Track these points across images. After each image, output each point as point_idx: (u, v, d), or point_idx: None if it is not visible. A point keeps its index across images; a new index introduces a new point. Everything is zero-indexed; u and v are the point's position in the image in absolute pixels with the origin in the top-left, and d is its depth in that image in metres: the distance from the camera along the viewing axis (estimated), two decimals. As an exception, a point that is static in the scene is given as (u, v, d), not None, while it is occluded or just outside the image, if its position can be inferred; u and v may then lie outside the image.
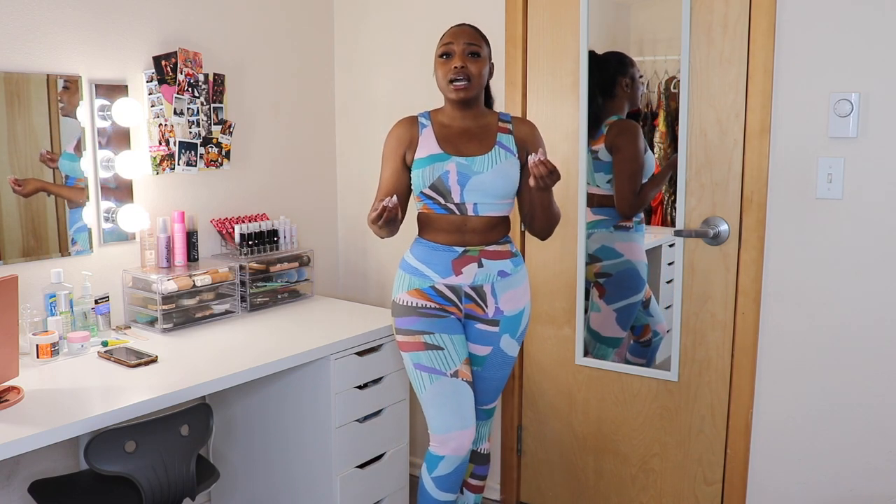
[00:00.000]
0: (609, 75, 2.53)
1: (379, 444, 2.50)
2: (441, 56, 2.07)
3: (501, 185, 2.07)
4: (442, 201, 2.08)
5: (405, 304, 2.13)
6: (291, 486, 2.46)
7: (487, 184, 2.06)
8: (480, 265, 2.10)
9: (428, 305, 2.11)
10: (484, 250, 2.10)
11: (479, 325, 2.15)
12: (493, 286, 2.12)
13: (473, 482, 2.38)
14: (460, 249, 2.09)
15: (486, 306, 2.13)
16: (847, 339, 2.18)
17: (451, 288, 2.11)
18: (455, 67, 2.04)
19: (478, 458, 2.36)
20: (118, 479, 1.87)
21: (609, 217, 2.60)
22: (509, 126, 2.14)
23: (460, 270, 2.09)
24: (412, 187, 2.13)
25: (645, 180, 2.53)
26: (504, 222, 2.15)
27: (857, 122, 2.09)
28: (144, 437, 1.80)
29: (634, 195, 2.51)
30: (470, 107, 2.11)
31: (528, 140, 2.14)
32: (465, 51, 2.05)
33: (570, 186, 2.60)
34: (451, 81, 2.05)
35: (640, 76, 2.51)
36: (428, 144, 2.09)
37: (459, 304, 2.12)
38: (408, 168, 2.12)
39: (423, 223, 2.15)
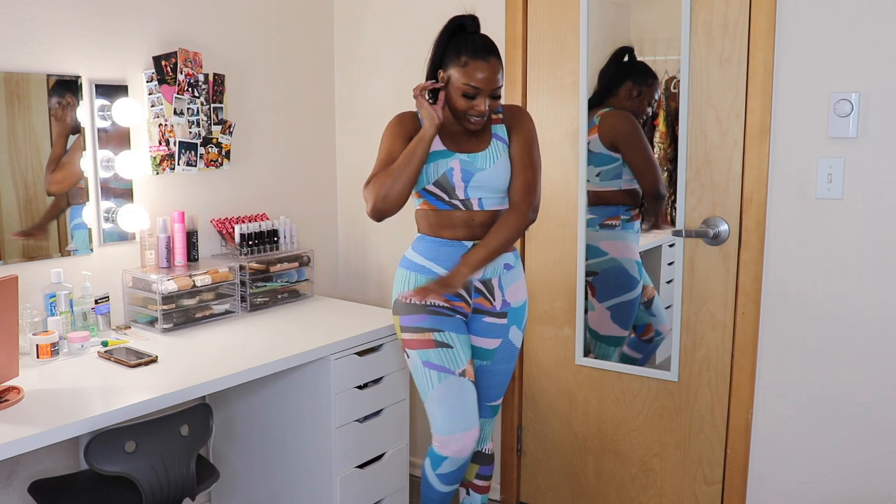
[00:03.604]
0: (621, 75, 2.52)
1: (379, 444, 2.50)
2: (465, 95, 2.02)
3: (503, 180, 2.10)
4: (446, 198, 2.09)
5: (412, 301, 2.11)
6: (291, 486, 2.46)
7: (491, 180, 2.08)
8: None
9: (437, 303, 2.12)
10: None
11: (487, 319, 2.16)
12: (500, 279, 2.15)
13: (479, 483, 2.36)
14: (469, 244, 2.10)
15: (494, 299, 2.15)
16: (847, 339, 2.18)
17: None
18: (479, 110, 2.02)
19: (482, 459, 2.35)
20: (118, 479, 1.87)
21: (596, 216, 2.60)
22: (501, 116, 2.16)
23: None
24: None
25: None
26: None
27: (857, 122, 2.09)
28: (144, 437, 1.80)
29: (660, 179, 2.47)
30: None
31: (513, 123, 2.14)
32: (489, 95, 2.03)
33: (569, 187, 2.60)
34: (471, 116, 2.04)
35: (650, 105, 2.50)
36: None
37: (469, 298, 2.14)
38: None
39: (426, 220, 2.15)
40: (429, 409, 2.12)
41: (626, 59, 2.53)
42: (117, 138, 2.43)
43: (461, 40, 2.03)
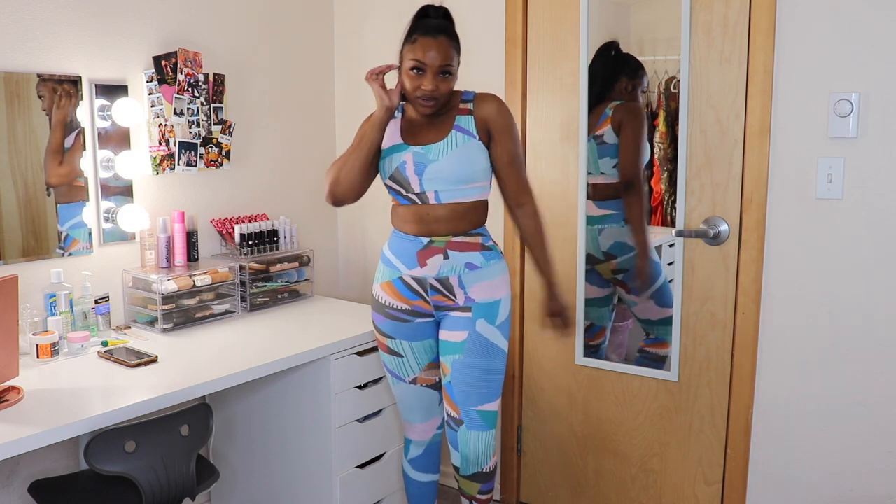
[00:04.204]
0: (614, 72, 2.53)
1: (379, 444, 2.50)
2: (412, 69, 1.97)
3: (461, 171, 2.02)
4: (403, 192, 2.06)
5: (378, 298, 2.17)
6: (291, 486, 2.46)
7: (445, 171, 2.01)
8: (446, 256, 2.05)
9: (395, 305, 2.12)
10: (451, 241, 2.06)
11: (453, 314, 2.11)
12: (459, 278, 2.06)
13: (481, 497, 2.28)
14: (426, 240, 2.06)
15: (455, 296, 2.08)
16: (847, 339, 2.18)
17: (417, 280, 2.08)
18: (425, 90, 1.97)
19: (482, 477, 2.20)
20: (118, 479, 1.87)
21: (618, 211, 2.59)
22: (470, 106, 2.06)
23: (425, 262, 2.06)
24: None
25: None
26: (475, 210, 2.08)
27: (857, 122, 2.09)
28: (144, 437, 1.80)
29: (641, 166, 2.45)
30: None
31: (489, 119, 2.04)
32: (438, 71, 1.96)
33: (569, 186, 2.60)
34: (419, 97, 1.99)
35: (644, 91, 2.50)
36: (391, 135, 2.08)
37: (426, 295, 2.09)
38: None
39: (393, 215, 2.15)
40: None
41: (612, 53, 2.53)
42: (117, 138, 2.43)
43: (419, 24, 2.02)
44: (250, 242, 2.71)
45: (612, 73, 2.53)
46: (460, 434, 2.15)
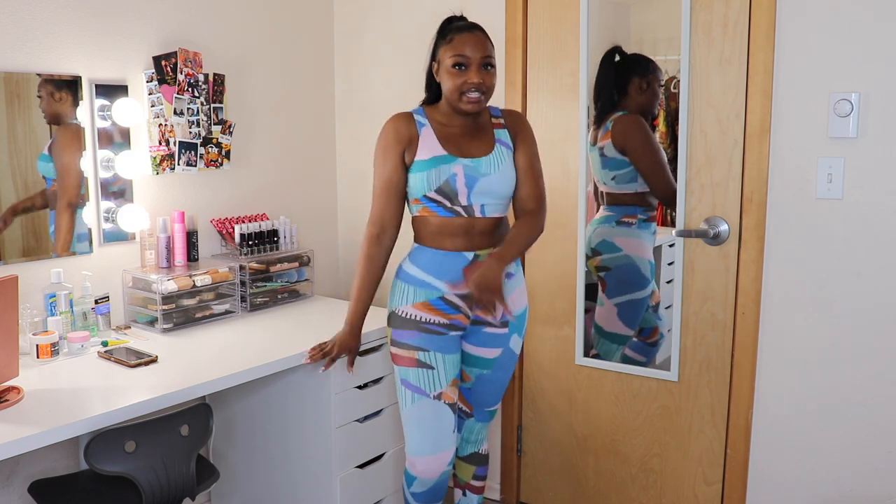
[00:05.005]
0: (625, 73, 2.53)
1: (379, 445, 2.50)
2: (455, 66, 1.96)
3: (505, 186, 2.04)
4: (448, 204, 2.01)
5: (408, 316, 2.06)
6: (291, 486, 2.46)
7: (495, 185, 2.01)
8: None
9: (433, 320, 2.05)
10: (492, 254, 2.04)
11: (488, 329, 2.12)
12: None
13: (475, 483, 2.37)
14: (471, 255, 2.03)
15: (495, 310, 2.07)
16: (847, 339, 2.18)
17: (462, 297, 2.05)
18: (472, 83, 1.96)
19: (478, 459, 2.36)
20: (118, 479, 1.87)
21: (614, 213, 2.59)
22: (502, 120, 2.10)
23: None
24: (409, 189, 2.06)
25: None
26: (505, 223, 2.12)
27: (857, 122, 2.09)
28: (144, 437, 1.80)
29: (672, 182, 2.44)
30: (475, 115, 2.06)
31: (517, 129, 2.09)
32: (481, 63, 1.96)
33: (569, 187, 2.60)
34: (464, 93, 1.97)
35: (661, 85, 2.49)
36: (429, 145, 2.01)
37: (469, 311, 2.08)
38: (406, 167, 2.05)
39: (425, 229, 2.07)
40: (403, 426, 2.15)
41: (617, 58, 2.53)
42: (117, 138, 2.43)
43: (449, 27, 2.03)
44: (250, 242, 2.71)
45: (622, 77, 2.53)
46: (467, 423, 2.30)
